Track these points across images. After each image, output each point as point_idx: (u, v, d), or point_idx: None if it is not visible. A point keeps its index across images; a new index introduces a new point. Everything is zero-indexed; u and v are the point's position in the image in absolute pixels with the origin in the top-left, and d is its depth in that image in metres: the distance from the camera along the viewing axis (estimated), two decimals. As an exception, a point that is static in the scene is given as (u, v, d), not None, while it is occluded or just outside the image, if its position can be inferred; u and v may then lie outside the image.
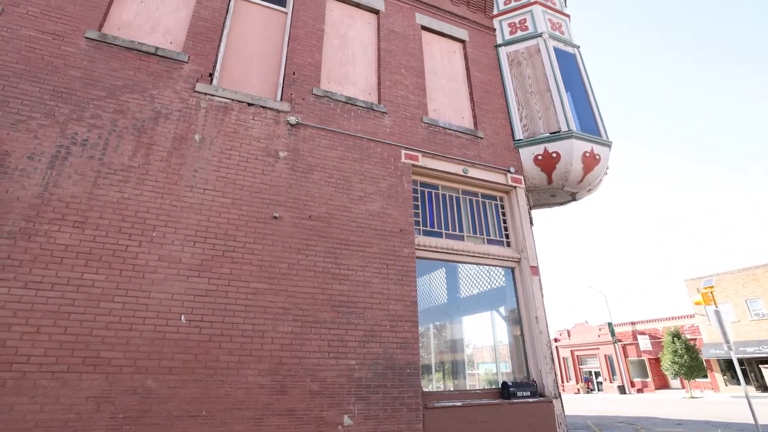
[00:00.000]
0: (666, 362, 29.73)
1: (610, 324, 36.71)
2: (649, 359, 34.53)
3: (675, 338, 29.78)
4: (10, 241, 3.96)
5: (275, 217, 5.10)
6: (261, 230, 4.97)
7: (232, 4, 6.47)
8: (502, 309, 6.74)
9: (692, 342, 30.68)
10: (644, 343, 34.29)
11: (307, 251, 5.11)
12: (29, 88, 4.64)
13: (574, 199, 8.20)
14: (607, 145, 7.66)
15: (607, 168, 7.93)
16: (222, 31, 6.09)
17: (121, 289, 4.16)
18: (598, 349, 38.38)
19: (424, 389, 5.41)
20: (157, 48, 5.45)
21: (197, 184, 4.89)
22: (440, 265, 6.50)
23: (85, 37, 5.17)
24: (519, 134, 7.68)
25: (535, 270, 6.71)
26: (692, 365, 28.50)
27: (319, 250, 5.18)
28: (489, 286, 6.80)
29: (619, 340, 36.61)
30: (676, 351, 29.15)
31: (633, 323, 37.16)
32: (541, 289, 6.65)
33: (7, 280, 3.84)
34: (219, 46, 5.96)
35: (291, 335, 4.65)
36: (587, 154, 7.38)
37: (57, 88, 4.76)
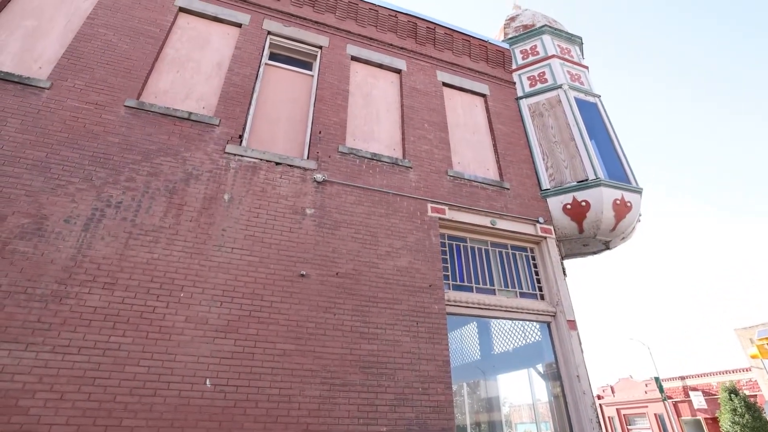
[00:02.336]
0: (725, 423, 27.05)
1: (657, 379, 34.09)
2: (706, 419, 31.56)
3: (732, 395, 27.30)
4: (41, 304, 4.01)
5: (302, 275, 5.06)
6: (288, 289, 4.92)
7: (261, 69, 6.86)
8: (539, 366, 6.34)
9: (752, 399, 28.04)
10: (698, 400, 31.51)
11: (335, 309, 4.99)
12: (70, 154, 4.90)
13: (607, 248, 7.92)
14: (638, 191, 7.49)
15: (640, 215, 7.70)
16: (252, 94, 6.41)
17: (146, 353, 4.10)
18: (647, 407, 35.43)
19: (461, 460, 5.01)
20: (190, 113, 5.75)
21: (225, 244, 4.94)
22: (471, 319, 6.25)
23: (125, 106, 5.51)
24: (546, 184, 7.61)
25: (572, 324, 6.36)
26: (756, 426, 25.80)
27: (346, 308, 5.06)
28: (524, 342, 6.46)
29: (669, 397, 33.79)
30: (735, 410, 26.57)
31: (683, 378, 34.38)
32: (581, 344, 6.26)
33: (36, 345, 3.84)
34: (248, 108, 6.24)
35: (319, 399, 4.43)
36: (618, 202, 7.21)
37: (96, 153, 5.02)
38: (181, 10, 6.95)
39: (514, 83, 9.12)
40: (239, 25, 7.20)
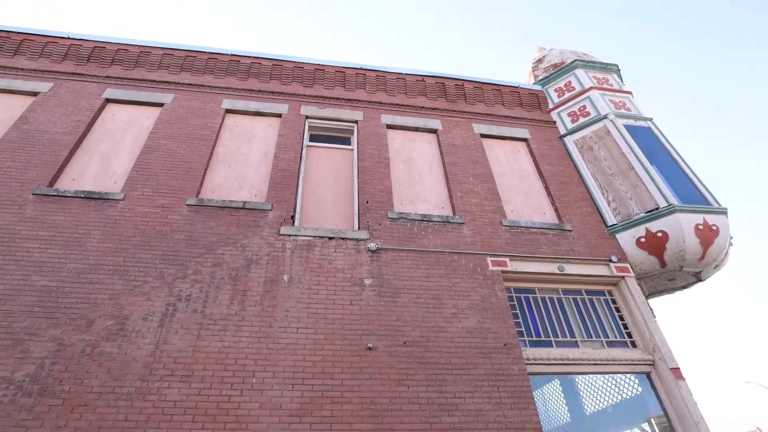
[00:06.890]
0: None
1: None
2: None
3: None
4: (127, 402, 4.35)
5: (369, 348, 5.16)
6: (357, 364, 5.02)
7: (304, 152, 7.53)
8: (645, 425, 5.81)
9: None
10: None
11: (408, 381, 4.99)
12: (144, 255, 5.53)
13: (699, 280, 7.40)
14: (722, 212, 7.09)
15: (731, 238, 7.23)
16: (298, 176, 7.01)
17: (225, 445, 4.26)
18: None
19: None
20: (244, 202, 6.35)
21: (290, 324, 5.20)
22: (551, 377, 5.93)
23: (186, 204, 6.21)
24: (611, 219, 7.44)
25: (677, 373, 5.86)
26: None
27: (420, 378, 5.04)
28: (620, 397, 5.99)
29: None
30: None
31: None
32: (692, 395, 5.73)
33: (123, 446, 4.12)
34: (297, 190, 6.80)
35: (403, 483, 4.32)
36: (700, 227, 6.84)
37: (165, 252, 5.62)
38: (228, 111, 7.93)
39: (554, 122, 9.30)
40: (279, 115, 8.05)
